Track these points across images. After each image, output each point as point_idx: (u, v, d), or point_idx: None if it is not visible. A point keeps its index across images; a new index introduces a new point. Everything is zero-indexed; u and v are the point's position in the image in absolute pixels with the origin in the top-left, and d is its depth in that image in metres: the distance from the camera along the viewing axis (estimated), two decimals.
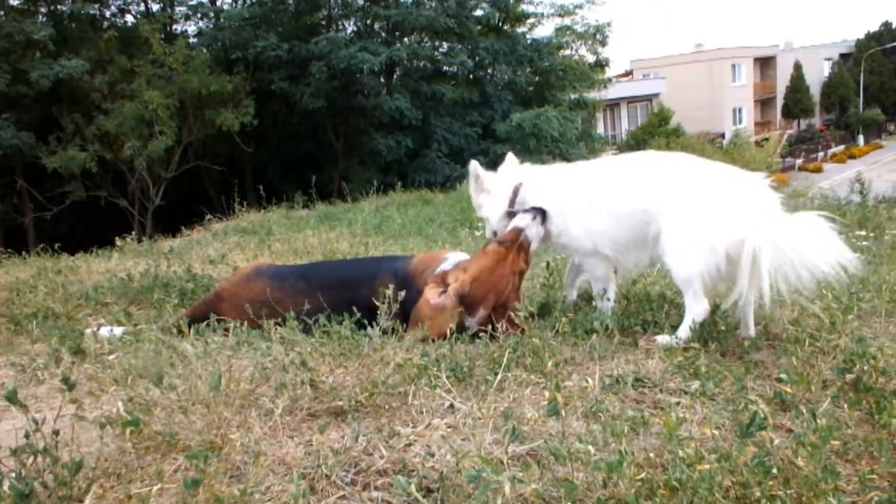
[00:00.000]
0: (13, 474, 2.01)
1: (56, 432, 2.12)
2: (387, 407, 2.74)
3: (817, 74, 65.72)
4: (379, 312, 3.29)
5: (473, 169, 4.30)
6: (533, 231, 3.95)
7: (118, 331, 4.14)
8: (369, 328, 3.24)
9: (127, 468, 2.26)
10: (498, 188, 4.23)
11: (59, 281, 6.01)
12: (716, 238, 3.44)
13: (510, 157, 4.42)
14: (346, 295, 3.95)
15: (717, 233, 3.44)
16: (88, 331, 4.03)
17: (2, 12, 23.79)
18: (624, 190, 3.81)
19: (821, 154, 57.63)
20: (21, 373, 3.49)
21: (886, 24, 68.29)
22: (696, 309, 3.54)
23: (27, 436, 2.06)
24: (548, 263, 4.72)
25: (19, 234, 22.90)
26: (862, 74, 64.28)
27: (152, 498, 2.09)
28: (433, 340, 3.47)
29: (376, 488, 2.19)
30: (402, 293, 3.51)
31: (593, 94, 34.63)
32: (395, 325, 3.32)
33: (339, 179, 23.99)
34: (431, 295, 3.77)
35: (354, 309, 3.55)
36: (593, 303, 4.15)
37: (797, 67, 62.85)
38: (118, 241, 8.81)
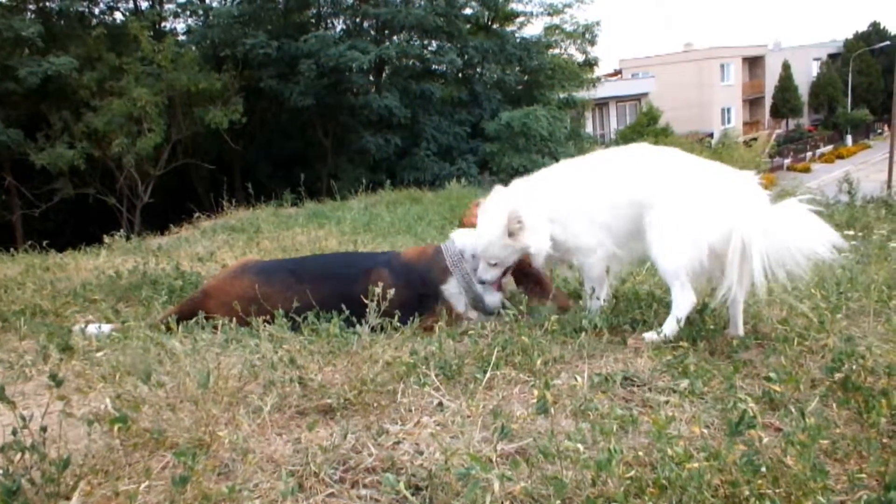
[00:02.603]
0: (0, 471, 2.00)
1: (44, 429, 2.11)
2: (375, 405, 2.73)
3: (806, 74, 65.97)
4: (368, 309, 3.30)
5: (514, 214, 3.87)
6: None
7: (106, 328, 4.13)
8: (359, 326, 3.24)
9: (115, 465, 2.25)
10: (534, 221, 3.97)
11: (48, 278, 5.98)
12: (700, 233, 3.46)
13: (498, 189, 4.16)
14: (337, 289, 3.98)
15: (702, 228, 3.45)
16: (76, 328, 4.01)
17: None
18: (618, 183, 3.80)
19: (809, 154, 57.93)
20: (9, 370, 3.48)
21: (875, 25, 68.62)
22: (682, 301, 3.54)
23: (14, 432, 2.05)
24: None
25: (7, 230, 22.77)
26: (850, 74, 64.56)
27: (140, 495, 2.08)
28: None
29: (365, 486, 2.19)
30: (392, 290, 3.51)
31: (582, 94, 34.71)
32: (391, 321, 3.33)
33: (328, 177, 23.97)
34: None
35: (343, 307, 3.56)
36: (580, 301, 4.17)
37: (786, 67, 63.09)
38: (106, 239, 8.80)
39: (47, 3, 25.49)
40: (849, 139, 62.89)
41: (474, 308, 4.16)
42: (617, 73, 60.37)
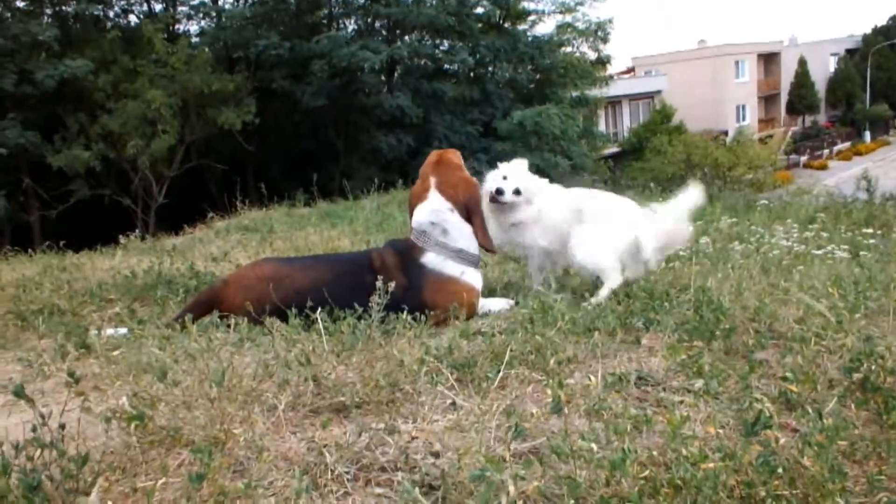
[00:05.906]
0: (19, 467, 2.01)
1: (62, 426, 2.12)
2: (389, 403, 2.74)
3: (822, 70, 65.44)
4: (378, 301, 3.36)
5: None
6: None
7: (122, 332, 4.14)
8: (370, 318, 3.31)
9: (132, 462, 2.26)
10: None
11: (65, 278, 6.02)
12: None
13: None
14: (349, 268, 4.29)
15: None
16: (92, 332, 4.03)
17: (8, 14, 23.90)
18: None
19: (826, 151, 57.40)
20: (28, 367, 3.50)
21: (894, 19, 67.96)
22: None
23: (34, 429, 2.07)
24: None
25: (25, 231, 22.93)
26: (869, 70, 64.00)
27: (157, 491, 2.08)
28: None
29: (378, 484, 2.19)
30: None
31: (595, 92, 34.68)
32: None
33: (341, 177, 24.00)
34: None
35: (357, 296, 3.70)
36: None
37: (802, 63, 62.52)
38: (122, 239, 8.87)
39: (63, 7, 25.73)
40: (867, 136, 62.28)
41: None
42: (630, 70, 60.19)
